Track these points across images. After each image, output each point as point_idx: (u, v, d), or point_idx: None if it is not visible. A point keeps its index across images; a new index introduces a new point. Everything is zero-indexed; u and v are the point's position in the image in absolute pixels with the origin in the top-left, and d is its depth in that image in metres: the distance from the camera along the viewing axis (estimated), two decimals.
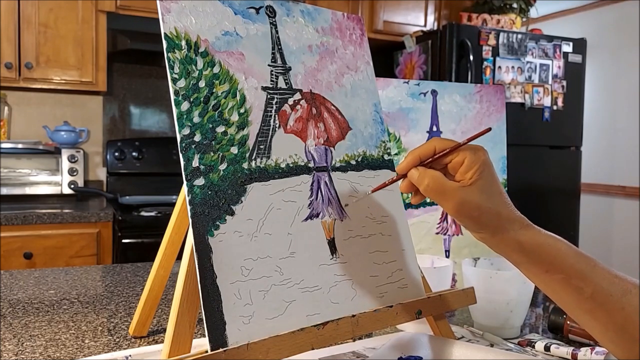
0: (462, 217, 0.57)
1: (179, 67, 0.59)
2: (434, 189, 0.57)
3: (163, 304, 1.01)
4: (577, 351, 0.77)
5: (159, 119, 2.98)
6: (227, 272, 0.56)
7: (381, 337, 0.84)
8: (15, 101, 2.70)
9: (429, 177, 0.57)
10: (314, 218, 0.66)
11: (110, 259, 2.27)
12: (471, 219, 0.57)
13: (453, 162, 0.58)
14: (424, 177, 0.58)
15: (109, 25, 2.53)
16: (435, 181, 0.57)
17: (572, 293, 0.55)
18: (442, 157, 0.59)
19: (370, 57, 0.79)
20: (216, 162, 0.59)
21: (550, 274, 0.55)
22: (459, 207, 0.56)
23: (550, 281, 0.56)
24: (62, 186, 2.52)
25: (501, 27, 3.00)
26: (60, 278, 1.19)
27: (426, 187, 0.57)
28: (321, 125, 0.70)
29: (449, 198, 0.56)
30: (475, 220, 0.57)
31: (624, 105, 3.55)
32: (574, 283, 0.54)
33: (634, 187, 3.45)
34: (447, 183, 0.57)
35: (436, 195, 0.57)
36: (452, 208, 0.57)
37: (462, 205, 0.56)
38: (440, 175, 0.58)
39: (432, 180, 0.57)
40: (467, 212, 0.56)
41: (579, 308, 0.55)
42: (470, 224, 0.57)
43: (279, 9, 0.70)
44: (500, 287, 0.85)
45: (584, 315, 0.55)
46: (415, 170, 0.59)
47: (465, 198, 0.56)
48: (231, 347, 0.53)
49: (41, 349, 0.78)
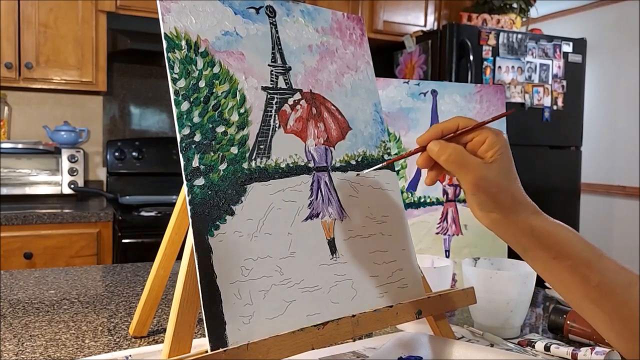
0: (479, 193, 0.56)
1: (179, 67, 0.59)
2: (456, 160, 0.57)
3: (163, 304, 1.01)
4: (577, 351, 0.77)
5: (159, 119, 2.98)
6: (227, 272, 0.56)
7: (381, 337, 0.84)
8: (15, 101, 2.70)
9: (451, 148, 0.57)
10: (314, 218, 0.66)
11: (110, 259, 2.27)
12: (488, 195, 0.56)
13: (474, 140, 0.59)
14: (446, 149, 0.57)
15: (109, 25, 2.53)
16: (457, 152, 0.57)
17: (579, 281, 0.55)
18: (463, 134, 0.59)
19: (370, 57, 0.79)
20: (216, 162, 0.59)
21: (558, 261, 0.55)
22: (478, 180, 0.56)
23: (558, 268, 0.56)
24: (62, 186, 2.52)
25: (501, 27, 3.00)
26: (61, 278, 1.19)
27: (448, 157, 0.57)
28: (321, 125, 0.70)
29: (470, 171, 0.56)
30: (492, 197, 0.56)
31: (624, 105, 3.55)
32: (581, 271, 0.54)
33: (634, 187, 3.45)
34: (469, 156, 0.57)
35: (457, 166, 0.57)
36: (472, 181, 0.56)
37: (482, 179, 0.56)
38: (462, 148, 0.58)
39: (454, 151, 0.57)
40: (485, 187, 0.56)
41: (585, 297, 0.55)
42: (485, 201, 0.57)
43: (279, 9, 0.70)
44: (500, 287, 0.85)
45: (589, 306, 0.55)
46: (436, 143, 0.58)
47: (486, 174, 0.56)
48: (231, 347, 0.53)
49: (41, 349, 0.78)
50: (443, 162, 0.57)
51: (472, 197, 0.58)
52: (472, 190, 0.57)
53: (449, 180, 1.08)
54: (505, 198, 0.56)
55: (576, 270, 0.55)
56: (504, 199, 0.56)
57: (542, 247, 0.56)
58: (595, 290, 0.54)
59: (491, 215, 0.57)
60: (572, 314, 0.86)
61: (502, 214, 0.57)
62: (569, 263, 0.55)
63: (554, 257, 0.56)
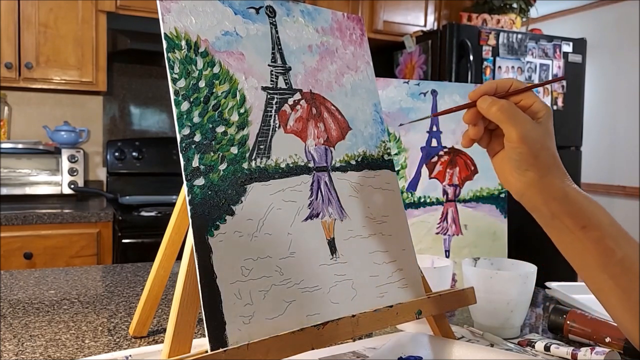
0: (523, 146, 0.57)
1: (179, 67, 0.59)
2: (508, 110, 0.58)
3: (163, 304, 1.01)
4: (577, 351, 0.77)
5: (159, 119, 2.98)
6: (227, 272, 0.56)
7: (381, 337, 0.84)
8: (15, 101, 2.70)
9: (503, 101, 0.59)
10: (314, 218, 0.66)
11: (110, 259, 2.27)
12: (531, 150, 0.57)
13: (521, 103, 0.60)
14: (498, 101, 0.59)
15: (109, 25, 2.53)
16: (509, 105, 0.58)
17: (603, 253, 0.55)
18: (515, 93, 0.60)
19: (370, 57, 0.79)
20: (216, 162, 0.59)
21: (586, 230, 0.56)
22: (526, 133, 0.57)
23: (583, 239, 0.56)
24: (62, 186, 2.52)
25: (501, 27, 3.00)
26: (60, 278, 1.19)
27: (500, 107, 0.58)
28: (321, 125, 0.70)
29: (518, 123, 0.57)
30: (534, 153, 0.57)
31: (624, 105, 3.55)
32: (607, 243, 0.55)
33: (634, 187, 3.45)
34: (520, 111, 0.58)
35: (507, 117, 0.58)
36: (519, 133, 0.57)
37: (529, 132, 0.57)
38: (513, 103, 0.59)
39: (506, 103, 0.58)
40: (530, 141, 0.57)
41: (604, 271, 0.55)
42: (526, 156, 0.57)
43: (279, 9, 0.70)
44: (500, 287, 0.85)
45: (607, 281, 0.55)
46: (488, 97, 0.60)
47: (533, 129, 0.57)
48: (231, 347, 0.53)
49: (41, 349, 0.78)
50: (495, 111, 0.58)
51: (513, 151, 0.58)
52: (517, 142, 0.57)
53: (449, 180, 1.08)
54: (547, 156, 0.57)
55: (602, 242, 0.55)
56: (545, 156, 0.57)
57: (572, 215, 0.56)
58: (617, 264, 0.54)
59: (527, 174, 0.58)
60: (572, 314, 0.86)
61: (540, 174, 0.57)
62: (597, 234, 0.55)
63: (583, 227, 0.56)
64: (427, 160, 1.07)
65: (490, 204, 1.10)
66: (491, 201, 1.10)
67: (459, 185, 1.09)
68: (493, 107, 0.58)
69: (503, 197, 1.11)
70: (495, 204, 1.11)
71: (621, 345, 0.79)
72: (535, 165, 0.57)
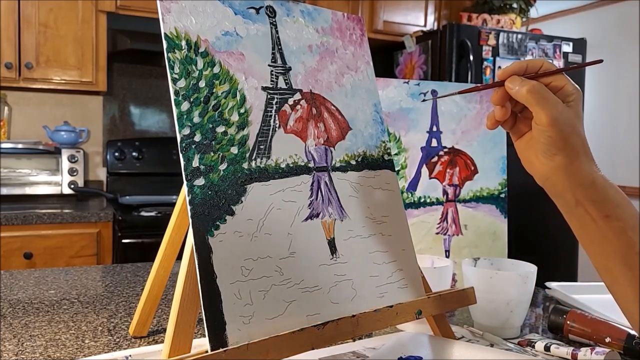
0: (553, 129, 0.55)
1: (179, 67, 0.59)
2: (538, 91, 0.56)
3: (163, 304, 1.01)
4: (577, 351, 0.77)
5: (159, 119, 2.98)
6: (227, 272, 0.56)
7: (381, 337, 0.84)
8: (15, 101, 2.70)
9: (534, 82, 0.57)
10: (314, 218, 0.66)
11: (110, 259, 2.27)
12: (561, 134, 0.55)
13: (551, 85, 0.58)
14: (528, 82, 0.56)
15: (109, 25, 2.53)
16: (540, 86, 0.56)
17: (625, 245, 0.54)
18: (545, 75, 0.58)
19: (370, 57, 0.79)
20: (216, 162, 0.59)
21: (609, 220, 0.55)
22: (557, 115, 0.55)
23: (605, 228, 0.55)
24: (62, 186, 2.52)
25: (501, 27, 3.00)
26: (60, 278, 1.19)
27: (531, 88, 0.56)
28: (321, 125, 0.70)
29: (550, 106, 0.55)
30: (564, 137, 0.55)
31: (624, 105, 3.55)
32: (629, 235, 0.54)
33: (634, 187, 3.45)
34: (550, 93, 0.56)
35: (538, 98, 0.56)
36: (549, 116, 0.55)
37: (560, 115, 0.55)
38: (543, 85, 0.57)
39: (537, 84, 0.56)
40: (561, 125, 0.55)
41: (623, 263, 0.54)
42: (556, 140, 0.55)
43: (279, 9, 0.70)
44: (500, 287, 0.85)
45: (625, 272, 0.54)
46: (518, 78, 0.57)
47: (564, 112, 0.56)
48: (231, 347, 0.53)
49: (41, 349, 0.78)
50: (524, 93, 0.56)
51: (542, 134, 0.56)
52: (547, 125, 0.55)
53: (449, 180, 1.08)
54: (577, 140, 0.56)
55: (624, 233, 0.54)
56: (575, 141, 0.56)
57: (597, 203, 0.55)
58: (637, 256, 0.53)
59: (556, 158, 0.56)
60: (572, 314, 0.86)
61: (569, 159, 0.56)
62: (620, 225, 0.54)
63: (606, 216, 0.55)
64: (427, 160, 1.07)
65: (490, 204, 1.10)
66: (491, 201, 1.10)
67: (459, 185, 1.09)
68: (523, 88, 0.56)
69: (503, 197, 1.11)
70: (495, 204, 1.11)
71: (621, 345, 0.79)
72: (565, 150, 0.56)
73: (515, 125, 0.62)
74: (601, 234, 0.55)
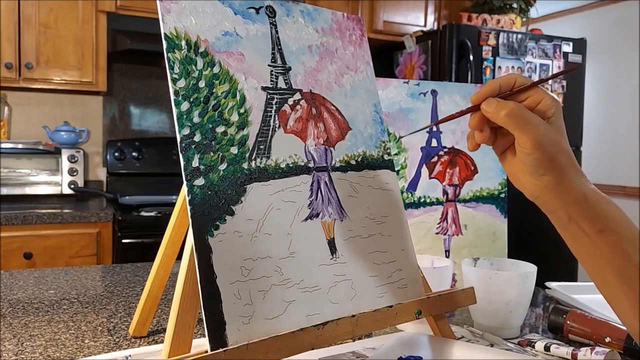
0: (538, 151, 0.54)
1: (179, 67, 0.59)
2: (518, 114, 0.54)
3: (163, 304, 1.01)
4: (577, 351, 0.77)
5: (159, 119, 2.98)
6: (227, 272, 0.56)
7: (381, 337, 0.84)
8: (15, 101, 2.70)
9: (511, 104, 0.54)
10: (313, 218, 0.66)
11: (110, 259, 2.27)
12: (547, 154, 0.54)
13: (529, 100, 0.56)
14: (505, 104, 0.54)
15: (109, 25, 2.53)
16: (518, 107, 0.54)
17: (619, 258, 0.53)
18: (520, 92, 0.56)
19: (370, 57, 0.79)
20: (216, 162, 0.59)
21: (603, 234, 0.53)
22: (541, 138, 0.53)
23: (599, 243, 0.54)
24: (62, 186, 2.52)
25: (501, 27, 3.00)
26: (60, 278, 1.19)
27: (509, 112, 0.54)
28: (321, 125, 0.70)
29: (531, 128, 0.53)
30: (550, 157, 0.54)
31: (624, 105, 3.55)
32: (624, 248, 0.53)
33: (634, 187, 3.45)
34: (530, 114, 0.54)
35: (518, 123, 0.54)
36: (533, 139, 0.53)
37: (544, 136, 0.53)
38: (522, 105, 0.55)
39: (515, 106, 0.54)
40: (546, 145, 0.53)
41: (619, 276, 0.53)
42: (542, 161, 0.54)
43: (279, 9, 0.70)
44: (500, 287, 0.85)
45: (621, 286, 0.53)
46: (493, 100, 0.55)
47: (547, 132, 0.54)
48: (231, 347, 0.53)
49: (41, 349, 0.78)
50: (503, 117, 0.54)
51: (527, 157, 0.54)
52: (531, 148, 0.54)
53: (448, 180, 1.08)
54: (564, 159, 0.54)
55: (619, 247, 0.53)
56: (562, 158, 0.54)
57: (590, 218, 0.54)
58: (634, 268, 0.52)
59: (544, 178, 0.54)
60: (572, 314, 0.86)
61: (557, 178, 0.54)
62: (614, 238, 0.53)
63: (600, 230, 0.54)
64: (427, 160, 1.07)
65: (490, 204, 1.10)
66: (491, 201, 1.10)
67: (459, 185, 1.09)
68: (501, 112, 0.54)
69: (503, 197, 1.11)
70: (495, 204, 1.11)
71: (621, 345, 0.79)
72: (553, 170, 0.54)
73: (496, 141, 0.60)
74: (596, 248, 0.54)
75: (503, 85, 0.57)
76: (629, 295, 0.53)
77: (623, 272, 0.53)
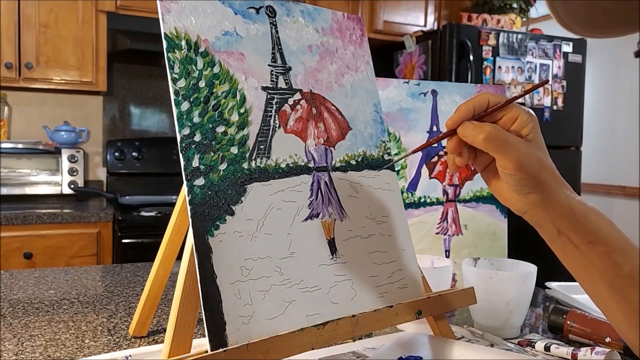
0: (522, 173, 0.53)
1: (179, 67, 0.59)
2: (497, 138, 0.53)
3: (163, 304, 1.01)
4: (577, 351, 0.77)
5: (159, 119, 2.98)
6: (227, 272, 0.56)
7: (381, 337, 0.84)
8: (15, 101, 2.70)
9: (488, 126, 0.53)
10: (314, 218, 0.66)
11: (110, 259, 2.27)
12: (530, 174, 0.53)
13: (505, 118, 0.56)
14: (482, 127, 0.53)
15: (109, 25, 2.53)
16: (496, 130, 0.53)
17: (611, 268, 0.53)
18: (495, 111, 0.56)
19: (370, 57, 0.79)
20: (216, 162, 0.59)
21: (593, 246, 0.53)
22: (522, 158, 0.52)
23: (589, 254, 0.54)
24: (62, 186, 2.52)
25: (501, 27, 3.00)
26: (60, 278, 1.19)
27: (487, 136, 0.53)
28: (321, 125, 0.70)
29: (511, 150, 0.53)
30: (534, 176, 0.53)
31: (624, 105, 3.55)
32: (614, 258, 0.53)
33: (634, 187, 3.45)
34: (509, 135, 0.54)
35: (497, 146, 0.53)
36: (514, 160, 0.53)
37: (525, 156, 0.53)
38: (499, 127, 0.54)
39: (493, 129, 0.53)
40: (529, 166, 0.53)
41: (611, 286, 0.53)
42: (526, 181, 0.53)
43: (279, 9, 0.70)
44: (500, 287, 0.85)
45: (613, 295, 0.53)
46: (468, 124, 0.54)
47: (527, 151, 0.53)
48: (231, 347, 0.53)
49: (41, 349, 0.78)
50: (481, 141, 0.53)
51: (510, 178, 0.54)
52: (513, 170, 0.53)
53: (449, 180, 1.08)
54: (547, 176, 0.54)
55: (609, 257, 0.53)
56: (546, 175, 0.54)
57: (579, 231, 0.54)
58: (625, 278, 0.52)
59: (530, 197, 0.54)
60: (572, 314, 0.86)
61: (543, 195, 0.54)
62: (604, 249, 0.53)
63: (590, 242, 0.53)
64: (427, 160, 1.07)
65: (490, 204, 1.10)
66: (491, 201, 1.10)
67: (459, 185, 1.09)
68: (479, 137, 0.53)
69: None
70: (495, 204, 1.11)
71: (621, 345, 0.79)
72: (537, 187, 0.54)
73: (477, 158, 0.59)
74: (586, 259, 0.54)
75: (476, 107, 0.56)
76: (621, 304, 0.54)
77: (614, 282, 0.53)
